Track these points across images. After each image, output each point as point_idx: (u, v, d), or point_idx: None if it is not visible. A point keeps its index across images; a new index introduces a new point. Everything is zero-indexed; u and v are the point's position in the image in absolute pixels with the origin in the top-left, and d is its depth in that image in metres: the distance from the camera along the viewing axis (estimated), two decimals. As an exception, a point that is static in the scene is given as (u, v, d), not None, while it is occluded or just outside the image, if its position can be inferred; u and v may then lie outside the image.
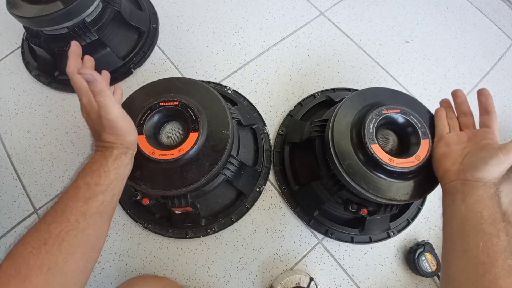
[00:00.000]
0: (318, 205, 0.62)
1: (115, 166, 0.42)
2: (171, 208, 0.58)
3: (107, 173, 0.41)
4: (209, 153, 0.49)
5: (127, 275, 0.62)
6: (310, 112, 0.71)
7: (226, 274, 0.62)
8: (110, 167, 0.41)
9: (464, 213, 0.39)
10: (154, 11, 0.83)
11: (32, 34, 0.69)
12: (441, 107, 0.51)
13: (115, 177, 0.42)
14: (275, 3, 0.84)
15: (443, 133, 0.48)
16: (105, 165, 0.41)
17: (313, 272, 0.62)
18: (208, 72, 0.77)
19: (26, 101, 0.75)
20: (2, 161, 0.70)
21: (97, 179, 0.40)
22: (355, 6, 0.85)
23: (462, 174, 0.41)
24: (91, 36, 0.67)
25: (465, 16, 0.86)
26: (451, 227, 0.41)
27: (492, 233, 0.37)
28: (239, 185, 0.62)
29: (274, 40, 0.80)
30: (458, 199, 0.40)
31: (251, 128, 0.68)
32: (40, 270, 0.34)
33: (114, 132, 0.43)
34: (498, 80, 0.79)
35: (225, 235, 0.64)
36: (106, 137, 0.43)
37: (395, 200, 0.49)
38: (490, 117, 0.46)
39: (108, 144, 0.43)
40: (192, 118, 0.49)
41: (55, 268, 0.35)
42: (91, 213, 0.39)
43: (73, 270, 0.36)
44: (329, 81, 0.76)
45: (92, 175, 0.40)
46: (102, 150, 0.43)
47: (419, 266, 0.59)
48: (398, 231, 0.64)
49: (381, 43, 0.81)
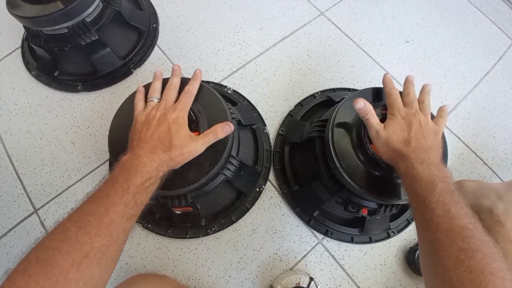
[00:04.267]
0: (318, 205, 0.62)
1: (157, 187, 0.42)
2: (171, 208, 0.58)
3: (150, 194, 0.41)
4: (209, 153, 0.49)
5: (127, 275, 0.62)
6: (310, 112, 0.71)
7: (226, 274, 0.62)
8: (155, 187, 0.42)
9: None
10: (154, 11, 0.83)
11: (32, 34, 0.69)
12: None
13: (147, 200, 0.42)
14: (275, 3, 0.84)
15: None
16: (155, 184, 0.42)
17: (313, 272, 0.62)
18: (208, 72, 0.77)
19: (26, 101, 0.75)
20: (2, 161, 0.70)
21: (145, 199, 0.40)
22: (355, 6, 0.85)
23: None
24: (91, 36, 0.67)
25: (465, 16, 0.86)
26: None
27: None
28: (239, 185, 0.62)
29: (274, 40, 0.80)
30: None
31: (251, 128, 0.68)
32: (77, 284, 0.33)
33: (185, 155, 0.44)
34: (498, 80, 0.79)
35: (225, 235, 0.64)
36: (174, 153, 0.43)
37: (395, 200, 0.49)
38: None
39: (166, 162, 0.43)
40: (192, 118, 0.49)
41: (90, 282, 0.34)
42: (129, 230, 0.39)
43: (104, 284, 0.36)
44: (329, 81, 0.76)
45: (142, 193, 0.40)
46: (157, 167, 0.42)
47: (419, 266, 0.59)
48: (398, 231, 0.64)
49: (381, 43, 0.81)
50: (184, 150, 0.44)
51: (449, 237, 0.35)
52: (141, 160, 0.41)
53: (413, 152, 0.42)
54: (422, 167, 0.40)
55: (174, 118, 0.45)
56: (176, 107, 0.47)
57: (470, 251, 0.33)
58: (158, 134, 0.44)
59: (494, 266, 0.32)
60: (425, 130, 0.44)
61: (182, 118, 0.46)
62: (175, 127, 0.45)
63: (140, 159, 0.41)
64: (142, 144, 0.43)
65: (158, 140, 0.43)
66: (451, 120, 0.75)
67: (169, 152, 0.43)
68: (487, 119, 0.75)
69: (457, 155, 0.72)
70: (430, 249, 0.36)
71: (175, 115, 0.46)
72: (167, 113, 0.46)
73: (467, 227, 0.35)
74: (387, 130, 0.45)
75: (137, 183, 0.39)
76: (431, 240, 0.36)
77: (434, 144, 0.44)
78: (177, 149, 0.43)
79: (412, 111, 0.46)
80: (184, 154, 0.44)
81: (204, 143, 0.46)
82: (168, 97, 0.48)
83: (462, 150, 0.73)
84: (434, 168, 0.40)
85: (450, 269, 0.33)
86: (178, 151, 0.44)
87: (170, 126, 0.44)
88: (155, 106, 0.48)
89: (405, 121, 0.45)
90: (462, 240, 0.34)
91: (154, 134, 0.44)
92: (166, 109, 0.47)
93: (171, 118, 0.45)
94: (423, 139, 0.43)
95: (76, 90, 0.75)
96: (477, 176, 0.71)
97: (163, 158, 0.43)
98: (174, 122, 0.45)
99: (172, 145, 0.43)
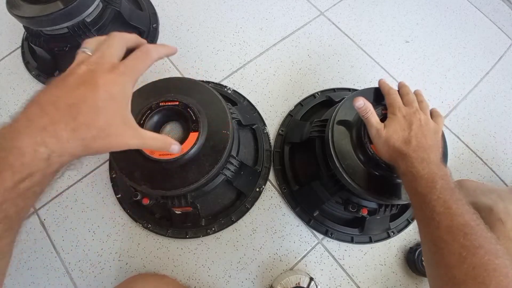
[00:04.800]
0: (318, 205, 0.62)
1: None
2: (171, 208, 0.58)
3: (35, 197, 0.28)
4: (209, 153, 0.49)
5: (127, 275, 0.62)
6: (310, 112, 0.71)
7: (226, 274, 0.62)
8: (45, 187, 0.28)
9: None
10: (154, 11, 0.83)
11: (32, 34, 0.69)
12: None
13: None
14: (275, 3, 0.84)
15: None
16: (44, 183, 0.28)
17: (313, 272, 0.62)
18: (208, 72, 0.77)
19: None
20: (2, 161, 0.70)
21: (24, 205, 0.27)
22: (355, 6, 0.85)
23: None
24: (91, 36, 0.66)
25: (465, 16, 0.86)
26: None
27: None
28: (239, 185, 0.62)
29: (274, 40, 0.80)
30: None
31: (251, 128, 0.68)
32: None
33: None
34: (498, 80, 0.79)
35: (225, 235, 0.64)
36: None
37: (395, 200, 0.49)
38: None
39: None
40: (192, 118, 0.49)
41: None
42: (4, 247, 0.27)
43: None
44: (329, 81, 0.76)
45: (17, 199, 0.26)
46: (48, 155, 0.26)
47: (419, 266, 0.59)
48: (398, 231, 0.64)
49: (381, 43, 0.81)
50: (111, 136, 0.29)
51: (450, 235, 0.34)
52: (17, 142, 0.25)
53: (413, 151, 0.42)
54: (422, 166, 0.40)
55: (107, 82, 0.29)
56: (115, 66, 0.30)
57: (472, 247, 0.33)
58: (71, 97, 0.28)
59: (497, 262, 0.32)
60: (425, 129, 0.44)
61: (122, 86, 0.30)
62: (105, 95, 0.29)
63: (17, 139, 0.25)
64: (33, 108, 0.27)
65: (67, 107, 0.27)
66: (451, 120, 0.75)
67: (82, 131, 0.27)
68: (487, 119, 0.75)
69: (457, 155, 0.72)
70: (432, 247, 0.36)
71: (113, 77, 0.29)
72: (98, 71, 0.29)
73: (468, 224, 0.34)
74: (387, 129, 0.45)
75: (4, 185, 0.24)
76: (433, 238, 0.36)
77: (434, 143, 0.44)
78: (96, 130, 0.28)
79: (412, 110, 0.46)
80: (111, 142, 0.30)
81: (143, 142, 0.33)
82: (108, 48, 0.31)
83: (462, 150, 0.73)
84: (434, 167, 0.40)
85: (453, 266, 0.33)
86: (97, 133, 0.28)
87: (97, 93, 0.28)
88: (86, 57, 0.31)
89: (405, 120, 0.45)
90: (463, 237, 0.34)
91: (64, 96, 0.27)
92: (100, 65, 0.30)
93: (103, 80, 0.29)
94: (423, 138, 0.43)
95: (76, 90, 0.74)
96: (477, 176, 0.71)
97: (65, 141, 0.27)
98: (105, 89, 0.29)
99: (91, 121, 0.28)
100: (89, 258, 0.63)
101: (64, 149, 0.27)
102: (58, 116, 0.27)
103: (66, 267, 0.62)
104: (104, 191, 0.67)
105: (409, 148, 0.42)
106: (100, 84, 0.29)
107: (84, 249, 0.63)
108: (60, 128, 0.27)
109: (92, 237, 0.64)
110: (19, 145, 0.25)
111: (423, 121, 0.45)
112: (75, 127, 0.27)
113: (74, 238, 0.64)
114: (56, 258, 0.63)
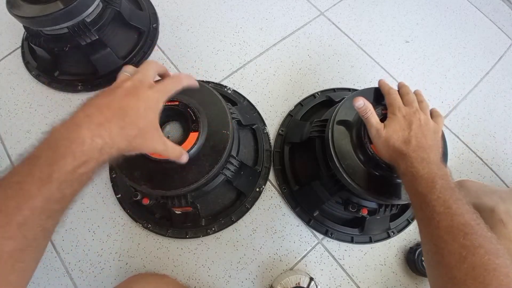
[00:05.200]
0: (318, 205, 0.62)
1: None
2: (171, 208, 0.58)
3: (86, 183, 0.33)
4: (209, 153, 0.49)
5: (127, 275, 0.62)
6: (310, 112, 0.71)
7: (226, 274, 0.62)
8: (94, 175, 0.33)
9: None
10: (154, 11, 0.83)
11: (32, 34, 0.69)
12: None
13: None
14: (275, 3, 0.84)
15: None
16: (94, 171, 0.33)
17: (313, 272, 0.62)
18: (208, 72, 0.77)
19: (26, 101, 0.75)
20: (2, 161, 0.70)
21: (77, 189, 0.32)
22: (355, 6, 0.85)
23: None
24: (91, 36, 0.67)
25: (465, 16, 0.86)
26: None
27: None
28: (239, 185, 0.62)
29: (274, 40, 0.80)
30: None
31: (251, 128, 0.68)
32: None
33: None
34: (498, 80, 0.79)
35: (225, 235, 0.64)
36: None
37: (395, 200, 0.49)
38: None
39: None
40: (192, 118, 0.49)
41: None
42: (52, 229, 0.31)
43: (25, 285, 0.30)
44: (329, 81, 0.76)
45: (73, 182, 0.30)
46: (102, 146, 0.32)
47: (419, 266, 0.59)
48: (398, 231, 0.64)
49: (381, 43, 0.81)
50: (146, 138, 0.35)
51: (450, 234, 0.34)
52: (78, 133, 0.30)
53: (413, 151, 0.42)
54: (422, 166, 0.40)
55: (147, 96, 0.35)
56: (153, 85, 0.37)
57: (472, 247, 0.33)
58: (120, 103, 0.33)
59: (497, 262, 0.32)
60: (425, 129, 0.44)
61: (156, 101, 0.36)
62: (145, 106, 0.35)
63: (78, 130, 0.30)
64: (90, 109, 0.32)
65: (118, 110, 0.33)
66: (451, 120, 0.75)
67: (128, 130, 0.33)
68: (487, 119, 0.75)
69: (457, 155, 0.72)
70: (432, 247, 0.36)
71: (151, 93, 0.36)
72: (140, 87, 0.36)
73: (468, 224, 0.34)
74: (387, 129, 0.45)
75: (65, 168, 0.29)
76: (433, 238, 0.36)
77: (434, 143, 0.44)
78: (138, 130, 0.34)
79: (412, 109, 0.46)
80: (146, 142, 0.36)
81: (165, 149, 0.39)
82: (147, 71, 0.38)
83: (462, 150, 0.73)
84: (434, 167, 0.40)
85: (453, 266, 0.33)
86: (138, 132, 0.34)
87: (139, 102, 0.34)
88: (128, 77, 0.37)
89: (405, 120, 0.45)
90: (463, 236, 0.34)
91: (115, 101, 0.33)
92: (142, 83, 0.36)
93: (144, 94, 0.35)
94: (423, 138, 0.43)
95: (76, 90, 0.75)
96: (477, 176, 0.71)
97: (115, 136, 0.32)
98: (145, 101, 0.35)
99: (135, 123, 0.34)
100: (89, 258, 0.63)
101: (114, 142, 0.32)
102: (111, 116, 0.32)
103: (66, 267, 0.62)
104: (104, 191, 0.67)
105: (409, 148, 0.42)
106: (141, 97, 0.35)
107: (84, 249, 0.63)
108: (113, 125, 0.32)
109: (92, 237, 0.64)
110: (81, 135, 0.30)
111: (423, 121, 0.45)
112: (123, 125, 0.33)
113: (74, 238, 0.64)
114: (56, 258, 0.63)
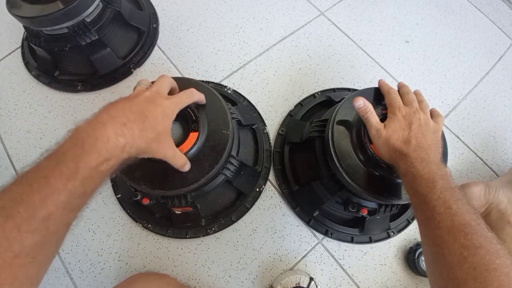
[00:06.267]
0: (318, 205, 0.62)
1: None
2: (171, 208, 0.58)
3: (104, 179, 0.34)
4: (209, 153, 0.49)
5: (127, 275, 0.62)
6: (310, 112, 0.71)
7: (226, 274, 0.62)
8: (113, 172, 0.35)
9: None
10: (154, 11, 0.83)
11: (32, 34, 0.69)
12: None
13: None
14: (275, 3, 0.84)
15: None
16: (114, 168, 0.34)
17: (313, 272, 0.62)
18: (208, 72, 0.77)
19: (26, 101, 0.75)
20: (2, 161, 0.70)
21: (97, 185, 0.33)
22: (355, 6, 0.85)
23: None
24: (91, 36, 0.67)
25: (465, 16, 0.86)
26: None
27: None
28: (239, 185, 0.62)
29: (274, 40, 0.80)
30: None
31: (251, 128, 0.68)
32: (11, 285, 0.27)
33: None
34: (498, 80, 0.79)
35: (225, 235, 0.64)
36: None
37: (395, 200, 0.49)
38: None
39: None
40: (192, 118, 0.49)
41: (26, 281, 0.29)
42: (72, 222, 0.32)
43: (42, 277, 0.31)
44: (329, 81, 0.76)
45: (95, 179, 0.32)
46: (124, 145, 0.33)
47: (419, 266, 0.59)
48: (398, 231, 0.64)
49: (381, 43, 0.81)
50: (161, 143, 0.38)
51: (451, 235, 0.34)
52: (104, 132, 0.31)
53: (413, 151, 0.42)
54: (422, 166, 0.40)
55: (165, 105, 0.39)
56: (170, 97, 0.41)
57: (473, 247, 0.33)
58: (141, 107, 0.36)
59: (498, 262, 0.32)
60: (425, 129, 0.44)
61: (172, 110, 0.40)
62: (163, 114, 0.38)
63: (103, 129, 0.31)
64: (114, 111, 0.34)
65: (139, 113, 0.35)
66: (451, 120, 0.75)
67: (147, 132, 0.35)
68: (487, 119, 0.75)
69: (457, 155, 0.72)
70: (433, 248, 0.36)
71: (168, 103, 0.39)
72: (158, 97, 0.39)
73: (469, 224, 0.34)
74: (387, 129, 0.45)
75: (90, 164, 0.30)
76: (433, 238, 0.36)
77: (433, 143, 0.44)
78: (156, 133, 0.37)
79: (412, 109, 0.46)
80: (159, 147, 0.38)
81: (174, 156, 0.42)
82: (163, 83, 0.42)
83: (462, 150, 0.73)
84: (434, 167, 0.40)
85: (454, 267, 0.33)
86: (156, 136, 0.37)
87: (157, 109, 0.38)
88: (145, 89, 0.41)
89: (405, 119, 0.45)
90: (464, 237, 0.33)
91: (136, 106, 0.36)
92: (159, 93, 0.40)
93: (162, 103, 0.39)
94: (423, 138, 0.43)
95: (76, 90, 0.75)
96: (477, 176, 0.71)
97: (136, 137, 0.34)
98: (163, 109, 0.38)
99: (154, 127, 0.36)
100: (89, 258, 0.63)
101: (135, 142, 0.34)
102: (133, 118, 0.34)
103: (66, 267, 0.62)
104: (104, 191, 0.67)
105: (409, 148, 0.42)
106: (159, 105, 0.38)
107: (84, 249, 0.63)
108: (135, 126, 0.34)
109: (92, 237, 0.64)
110: (106, 134, 0.31)
111: (423, 121, 0.45)
112: (144, 128, 0.35)
113: (74, 238, 0.64)
114: (56, 258, 0.63)
